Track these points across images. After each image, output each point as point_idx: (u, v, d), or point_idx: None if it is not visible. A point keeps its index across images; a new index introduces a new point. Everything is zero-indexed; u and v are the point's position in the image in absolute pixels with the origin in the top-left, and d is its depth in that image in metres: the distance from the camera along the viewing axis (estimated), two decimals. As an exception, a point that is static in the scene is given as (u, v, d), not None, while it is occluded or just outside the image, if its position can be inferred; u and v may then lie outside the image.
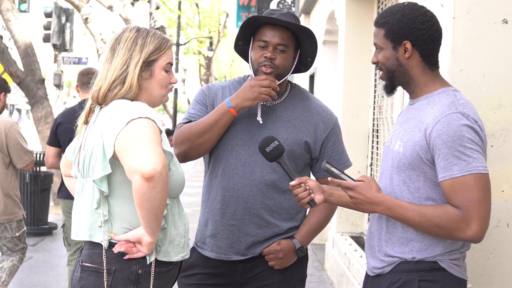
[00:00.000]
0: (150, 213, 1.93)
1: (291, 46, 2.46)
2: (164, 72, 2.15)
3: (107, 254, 2.05)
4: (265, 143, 2.31)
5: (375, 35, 2.16)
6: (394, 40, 2.10)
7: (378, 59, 2.15)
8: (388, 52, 2.12)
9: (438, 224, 1.97)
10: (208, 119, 2.44)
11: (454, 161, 1.94)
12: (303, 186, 2.23)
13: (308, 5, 8.70)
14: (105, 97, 2.09)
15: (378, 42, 2.14)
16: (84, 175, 2.10)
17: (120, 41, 2.12)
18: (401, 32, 2.08)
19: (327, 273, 6.27)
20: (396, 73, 2.13)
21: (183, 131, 2.48)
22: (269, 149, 2.30)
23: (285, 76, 2.48)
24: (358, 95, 5.79)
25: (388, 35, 2.10)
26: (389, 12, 2.13)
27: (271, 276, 2.51)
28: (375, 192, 2.05)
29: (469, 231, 1.94)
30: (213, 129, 2.43)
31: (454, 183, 1.95)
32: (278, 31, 2.43)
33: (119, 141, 1.93)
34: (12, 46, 12.85)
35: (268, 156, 2.31)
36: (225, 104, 2.42)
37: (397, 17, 2.09)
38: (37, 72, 9.72)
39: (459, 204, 1.95)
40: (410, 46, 2.08)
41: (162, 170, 1.88)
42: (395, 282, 2.08)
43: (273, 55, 2.42)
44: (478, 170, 1.94)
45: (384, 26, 2.11)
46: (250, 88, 2.40)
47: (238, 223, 2.48)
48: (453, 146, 1.94)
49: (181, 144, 2.47)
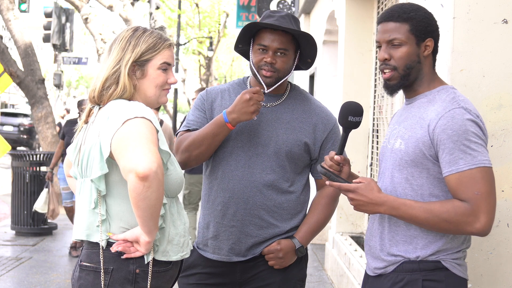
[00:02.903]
0: (146, 212, 1.93)
1: (291, 49, 2.45)
2: (160, 72, 2.14)
3: (104, 253, 2.05)
4: (352, 110, 2.22)
5: (395, 29, 2.09)
6: (420, 36, 2.08)
7: (394, 55, 2.10)
8: (412, 48, 2.08)
9: (446, 219, 1.96)
10: (205, 131, 2.45)
11: (460, 155, 1.95)
12: (340, 166, 2.19)
13: (308, 5, 8.70)
14: (101, 96, 2.09)
15: (400, 36, 2.08)
16: (82, 175, 2.10)
17: (116, 41, 2.13)
18: (429, 29, 2.09)
19: (327, 273, 6.27)
20: (414, 69, 2.10)
21: (182, 141, 2.50)
22: (352, 119, 2.22)
23: (285, 77, 2.49)
24: (358, 95, 5.79)
25: (415, 30, 2.07)
26: (410, 8, 2.10)
27: (271, 276, 2.51)
28: (376, 192, 2.05)
29: (478, 224, 1.95)
30: (210, 141, 2.45)
31: (460, 177, 1.95)
32: (277, 36, 2.43)
33: (115, 140, 1.93)
34: (12, 46, 12.86)
35: (346, 124, 2.23)
36: (222, 118, 2.42)
37: (422, 13, 2.09)
38: (37, 72, 9.72)
39: (467, 198, 1.95)
40: (432, 44, 2.10)
41: (157, 169, 1.87)
42: (398, 281, 2.08)
43: (273, 60, 2.42)
44: (484, 164, 1.95)
45: (409, 21, 2.08)
46: (247, 102, 2.38)
47: (239, 224, 2.48)
48: (458, 140, 1.95)
49: (181, 154, 2.49)
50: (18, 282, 5.67)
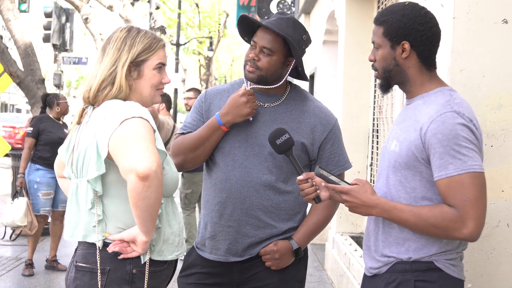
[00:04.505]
0: (145, 212, 1.93)
1: (278, 52, 2.43)
2: (155, 72, 2.15)
3: (101, 254, 2.05)
4: (276, 135, 2.32)
5: (374, 32, 2.14)
6: (393, 40, 2.09)
7: (376, 57, 2.15)
8: (386, 51, 2.10)
9: (434, 224, 1.96)
10: (199, 134, 2.47)
11: (449, 160, 1.94)
12: (310, 182, 2.23)
13: (308, 5, 8.70)
14: (96, 97, 2.09)
15: (377, 40, 2.13)
16: (77, 175, 2.10)
17: (110, 41, 2.13)
18: (400, 32, 2.07)
19: (327, 273, 6.27)
20: (393, 72, 2.12)
21: (178, 144, 2.53)
22: (279, 141, 2.31)
23: (273, 81, 2.47)
24: (358, 95, 5.79)
25: (387, 34, 2.09)
26: (389, 10, 2.12)
27: (268, 277, 2.50)
28: (370, 195, 2.05)
29: (465, 230, 1.94)
30: (205, 144, 2.47)
31: (449, 182, 1.94)
32: (267, 34, 2.43)
33: (113, 141, 1.93)
34: (12, 46, 12.87)
35: (278, 149, 2.32)
36: (215, 120, 2.44)
37: (397, 16, 2.08)
38: (37, 72, 9.72)
39: (455, 203, 1.94)
40: (408, 47, 2.07)
41: (157, 169, 1.88)
42: (391, 282, 2.08)
43: (256, 57, 2.43)
44: (473, 169, 1.93)
45: (383, 25, 2.10)
46: (244, 104, 2.41)
47: (236, 225, 2.48)
48: (448, 145, 1.93)
49: (177, 157, 2.51)
50: (18, 282, 5.67)
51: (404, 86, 2.15)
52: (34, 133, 6.09)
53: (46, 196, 6.02)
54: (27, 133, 6.13)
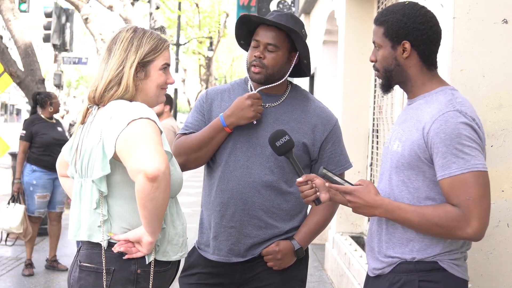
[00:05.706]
0: (152, 213, 1.93)
1: (283, 47, 2.45)
2: (161, 73, 2.15)
3: (106, 254, 2.05)
4: (276, 137, 2.32)
5: (375, 33, 2.15)
6: (393, 39, 2.09)
7: (377, 57, 2.15)
8: (387, 51, 2.11)
9: (438, 223, 1.96)
10: (203, 135, 2.47)
11: (452, 159, 1.94)
12: (309, 184, 2.23)
13: (308, 5, 8.70)
14: (102, 97, 2.09)
15: (377, 40, 2.13)
16: (82, 175, 2.10)
17: (116, 42, 2.12)
18: (401, 32, 2.07)
19: (327, 273, 6.27)
20: (394, 72, 2.12)
21: (181, 144, 2.52)
22: (279, 143, 2.31)
23: (278, 78, 2.48)
24: (358, 95, 5.79)
25: (387, 34, 2.09)
26: (389, 10, 2.12)
27: (270, 277, 2.51)
28: (373, 195, 2.05)
29: (469, 229, 1.94)
30: (208, 145, 2.47)
31: (453, 181, 1.94)
32: (269, 31, 2.43)
33: (120, 141, 1.93)
34: (12, 46, 12.85)
35: (278, 150, 2.32)
36: (219, 122, 2.44)
37: (397, 16, 2.08)
38: (37, 72, 9.71)
39: (459, 203, 1.94)
40: (409, 46, 2.07)
41: (165, 170, 1.88)
42: (396, 282, 2.08)
43: (262, 54, 2.43)
44: (477, 168, 1.93)
45: (384, 25, 2.10)
46: (249, 107, 2.41)
47: (237, 225, 2.48)
48: (451, 144, 1.93)
49: (179, 157, 2.50)
50: (18, 282, 5.68)
51: (405, 86, 2.15)
52: (27, 136, 6.03)
53: (42, 199, 6.00)
54: (21, 136, 6.07)
